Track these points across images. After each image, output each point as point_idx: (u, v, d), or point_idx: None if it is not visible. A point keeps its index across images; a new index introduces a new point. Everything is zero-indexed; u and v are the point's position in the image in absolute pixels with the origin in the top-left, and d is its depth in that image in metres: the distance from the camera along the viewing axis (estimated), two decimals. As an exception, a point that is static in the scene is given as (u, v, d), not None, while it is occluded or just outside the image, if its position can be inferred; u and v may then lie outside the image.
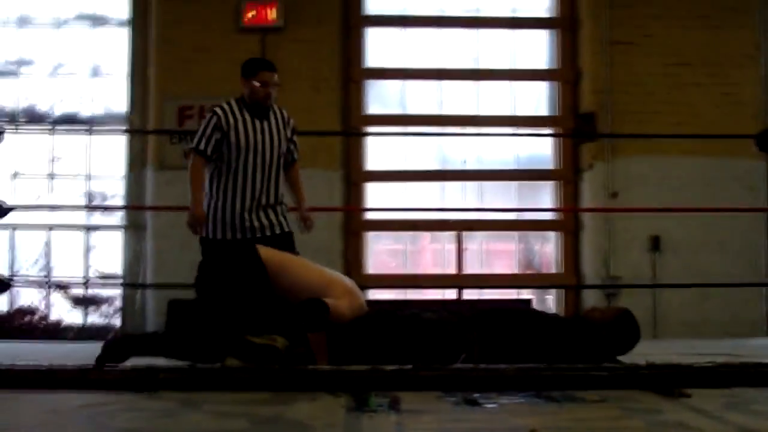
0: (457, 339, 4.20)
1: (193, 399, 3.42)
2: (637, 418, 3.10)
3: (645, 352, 4.44)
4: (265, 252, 4.65)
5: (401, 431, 2.83)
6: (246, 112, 5.50)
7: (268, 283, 4.46)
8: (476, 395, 3.47)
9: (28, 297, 8.92)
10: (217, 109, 5.47)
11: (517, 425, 2.93)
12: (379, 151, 9.12)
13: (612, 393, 3.58)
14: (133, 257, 8.81)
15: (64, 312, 8.95)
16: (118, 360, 4.07)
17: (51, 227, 8.92)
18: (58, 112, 9.10)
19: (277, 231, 5.48)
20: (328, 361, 4.12)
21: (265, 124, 5.53)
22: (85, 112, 9.10)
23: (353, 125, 8.98)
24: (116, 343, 4.27)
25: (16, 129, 8.97)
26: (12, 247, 8.94)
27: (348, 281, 4.65)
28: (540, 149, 9.26)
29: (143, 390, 3.51)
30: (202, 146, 5.42)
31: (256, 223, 5.43)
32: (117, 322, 8.89)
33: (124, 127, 8.99)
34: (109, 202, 9.11)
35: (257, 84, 5.46)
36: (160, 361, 4.11)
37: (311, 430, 2.86)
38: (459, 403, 3.36)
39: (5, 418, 3.09)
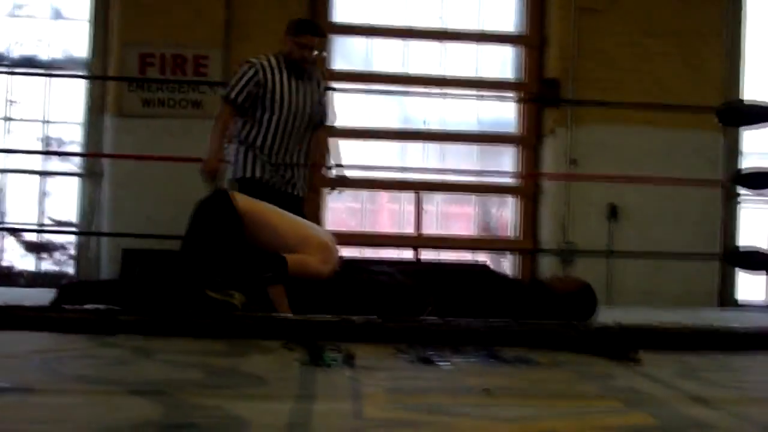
0: (414, 303, 4.19)
1: (147, 347, 3.39)
2: (589, 382, 3.12)
3: (599, 319, 4.48)
4: (243, 201, 4.60)
5: (355, 386, 2.82)
6: (284, 68, 5.56)
7: (241, 233, 4.42)
8: (431, 353, 3.47)
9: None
10: (255, 61, 5.54)
11: (471, 385, 2.93)
12: (343, 108, 9.05)
13: (564, 357, 3.60)
14: (89, 205, 8.71)
15: (16, 258, 8.84)
16: (72, 304, 4.02)
17: (6, 171, 8.78)
18: (16, 54, 8.93)
19: (290, 191, 5.53)
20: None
21: (301, 84, 5.58)
22: (44, 55, 8.93)
23: (317, 80, 8.90)
24: (72, 287, 4.23)
25: (-27, 70, 8.81)
26: (-34, 191, 8.82)
27: (325, 236, 4.60)
28: (503, 113, 9.26)
29: (102, 333, 3.47)
30: (233, 95, 5.54)
31: (273, 176, 5.49)
32: (70, 269, 8.80)
33: (84, 73, 8.84)
34: (66, 148, 8.97)
35: (297, 44, 5.55)
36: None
37: (266, 382, 2.85)
38: (413, 361, 3.36)
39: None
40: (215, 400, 2.45)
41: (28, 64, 8.85)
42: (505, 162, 9.24)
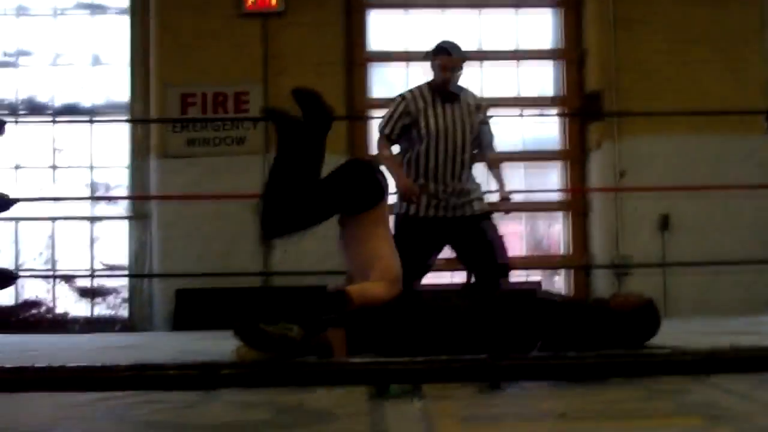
0: (475, 329, 4.12)
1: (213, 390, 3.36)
2: (666, 399, 3.04)
3: (663, 331, 4.39)
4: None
5: (427, 418, 2.77)
6: (434, 96, 5.59)
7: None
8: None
9: (33, 290, 8.87)
10: (406, 94, 5.62)
11: (546, 409, 2.87)
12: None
13: (636, 374, 3.53)
14: (139, 247, 8.75)
15: (70, 304, 8.90)
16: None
17: (55, 219, 8.86)
18: (58, 102, 9.03)
19: (459, 214, 5.53)
20: (347, 352, 4.04)
21: (454, 108, 5.59)
22: (86, 101, 9.03)
23: (357, 109, 8.91)
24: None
25: (17, 121, 8.90)
26: (16, 240, 8.88)
27: (397, 261, 4.49)
28: (546, 130, 9.21)
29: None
30: (387, 131, 5.64)
31: (442, 205, 5.50)
32: (124, 313, 8.83)
33: (126, 116, 8.91)
34: (112, 192, 9.04)
35: (435, 68, 5.62)
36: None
37: (335, 419, 2.80)
38: (481, 388, 3.30)
39: (23, 414, 3.03)
40: (289, 440, 2.41)
41: (71, 112, 8.93)
42: (551, 179, 9.18)
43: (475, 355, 2.89)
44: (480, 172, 5.86)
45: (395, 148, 5.71)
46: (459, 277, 8.49)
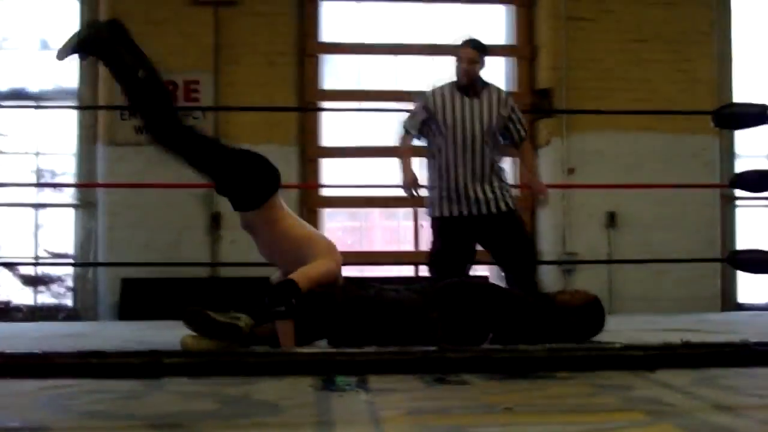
0: (422, 320, 4.13)
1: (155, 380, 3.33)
2: (609, 394, 3.07)
3: (605, 328, 4.42)
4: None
5: (374, 410, 2.77)
6: (455, 91, 5.62)
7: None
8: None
9: (-26, 277, 8.74)
10: (429, 90, 5.68)
11: (492, 403, 2.88)
12: (335, 126, 9.03)
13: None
14: (85, 235, 8.64)
15: (13, 292, 8.76)
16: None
17: (-2, 205, 8.72)
18: (4, 86, 8.87)
19: (485, 211, 5.53)
20: (296, 343, 4.02)
21: (474, 102, 5.60)
22: (33, 86, 8.88)
23: (308, 100, 8.87)
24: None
25: (-38, 105, 8.75)
26: (-43, 227, 8.73)
27: (327, 238, 4.51)
28: (497, 125, 9.23)
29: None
30: (406, 124, 5.76)
31: (464, 202, 5.50)
32: (68, 301, 8.72)
33: (74, 103, 8.79)
34: (59, 179, 8.91)
35: (456, 61, 5.67)
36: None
37: (281, 410, 2.79)
38: (428, 381, 3.30)
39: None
40: (233, 432, 2.40)
41: (17, 97, 8.78)
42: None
43: (424, 346, 2.89)
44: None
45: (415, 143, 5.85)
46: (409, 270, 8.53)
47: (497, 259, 5.74)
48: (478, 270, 8.89)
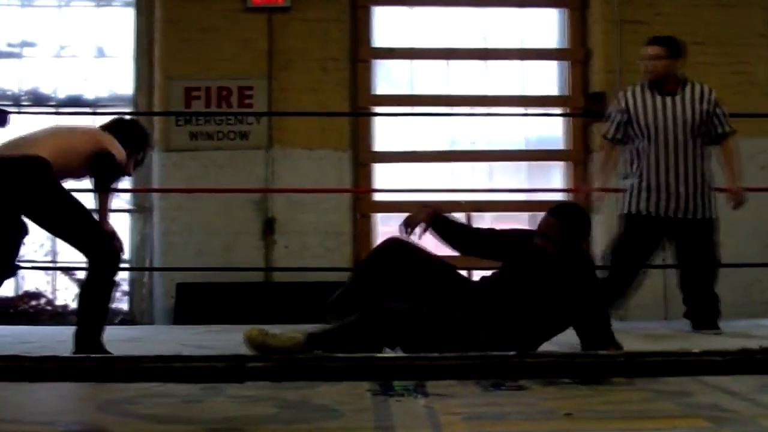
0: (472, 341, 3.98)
1: (215, 384, 3.35)
2: (669, 400, 3.04)
3: (661, 334, 4.39)
4: None
5: (433, 415, 2.77)
6: (649, 91, 5.60)
7: None
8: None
9: (33, 281, 8.85)
10: (622, 92, 5.66)
11: (550, 408, 2.87)
12: (388, 131, 9.04)
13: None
14: (140, 240, 8.74)
15: (70, 296, 8.88)
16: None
17: (57, 210, 8.81)
18: (62, 94, 9.00)
19: (681, 216, 5.51)
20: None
21: (676, 99, 5.56)
22: (89, 94, 9.00)
23: (361, 105, 8.90)
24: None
25: (20, 111, 8.85)
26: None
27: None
28: (550, 129, 9.19)
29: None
30: (604, 131, 5.77)
31: (667, 202, 5.49)
32: (124, 306, 8.82)
33: (130, 109, 8.89)
34: (115, 185, 8.99)
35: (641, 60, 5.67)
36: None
37: (340, 415, 2.80)
38: (485, 386, 3.29)
39: (27, 404, 3.03)
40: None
41: (74, 104, 8.91)
42: (554, 178, 9.15)
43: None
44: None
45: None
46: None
47: (679, 260, 5.70)
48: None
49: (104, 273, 4.40)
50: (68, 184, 4.67)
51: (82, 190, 4.99)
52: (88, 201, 4.75)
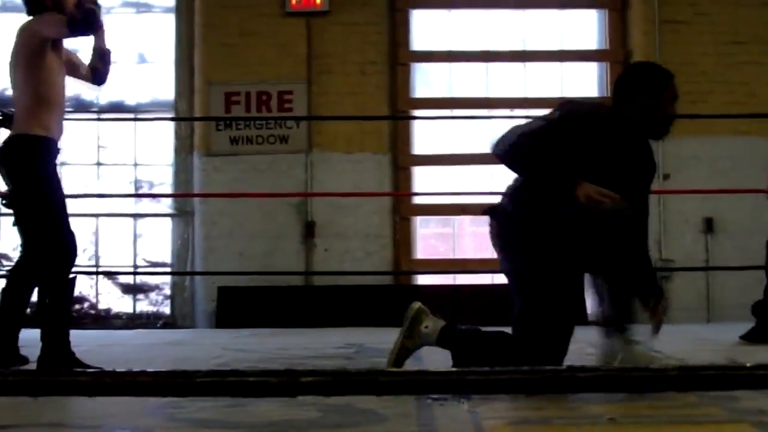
0: None
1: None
2: (715, 405, 3.01)
3: (704, 337, 4.33)
4: None
5: (477, 420, 2.77)
6: None
7: None
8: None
9: (77, 286, 8.91)
10: None
11: (594, 414, 2.86)
12: (427, 134, 9.04)
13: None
14: (182, 244, 8.80)
15: (113, 300, 8.97)
16: None
17: (99, 215, 8.92)
18: (104, 100, 9.08)
19: None
20: None
21: None
22: (130, 99, 9.08)
23: (400, 109, 8.91)
24: None
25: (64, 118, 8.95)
26: (61, 235, 8.93)
27: None
28: (590, 131, 9.13)
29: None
30: None
31: None
32: (166, 309, 8.89)
33: (171, 114, 8.96)
34: (156, 190, 9.09)
35: None
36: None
37: (384, 419, 2.81)
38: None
39: (73, 407, 3.06)
40: (339, 440, 2.41)
41: (116, 109, 8.99)
42: (594, 180, 9.11)
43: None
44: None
45: None
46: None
47: None
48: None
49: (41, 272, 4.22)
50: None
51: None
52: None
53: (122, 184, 8.98)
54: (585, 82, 9.18)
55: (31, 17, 4.30)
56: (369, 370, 3.15)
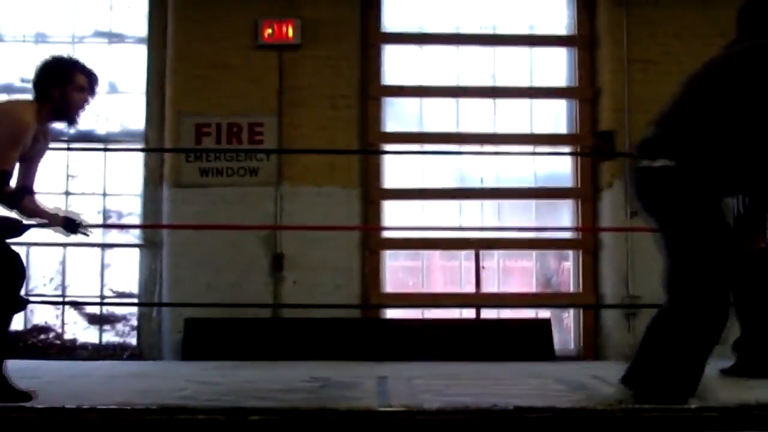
0: None
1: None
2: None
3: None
4: None
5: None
6: None
7: None
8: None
9: (43, 315, 8.87)
10: None
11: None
12: (397, 168, 9.07)
13: None
14: (149, 275, 8.76)
15: (79, 330, 8.90)
16: None
17: (66, 245, 8.86)
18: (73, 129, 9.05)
19: None
20: None
21: None
22: (101, 129, 9.06)
23: (371, 143, 8.94)
24: None
25: (32, 146, 8.92)
26: (27, 265, 8.86)
27: None
28: (559, 167, 9.20)
29: None
30: None
31: None
32: (133, 340, 8.83)
33: (141, 145, 8.95)
34: (125, 220, 9.07)
35: None
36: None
37: None
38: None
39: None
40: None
41: (86, 139, 8.95)
42: (562, 216, 9.17)
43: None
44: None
45: None
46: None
47: None
48: (541, 313, 8.84)
49: None
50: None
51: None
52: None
53: (91, 214, 8.93)
54: (554, 118, 9.26)
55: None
56: (319, 409, 3.10)
